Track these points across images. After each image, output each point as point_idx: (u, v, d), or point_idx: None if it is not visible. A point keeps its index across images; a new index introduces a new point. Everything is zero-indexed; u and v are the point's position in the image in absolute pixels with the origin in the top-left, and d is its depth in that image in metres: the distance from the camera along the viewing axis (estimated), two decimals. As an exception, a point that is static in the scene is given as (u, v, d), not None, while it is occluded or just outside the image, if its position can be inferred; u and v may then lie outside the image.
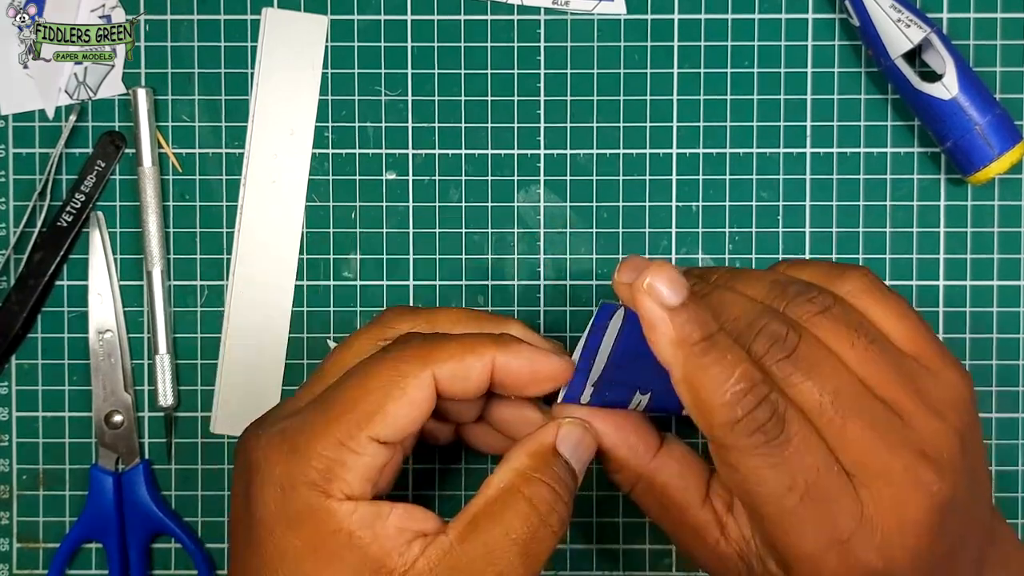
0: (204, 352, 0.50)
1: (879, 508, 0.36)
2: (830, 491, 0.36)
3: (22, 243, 0.50)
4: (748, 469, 0.36)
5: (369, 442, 0.38)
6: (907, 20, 0.47)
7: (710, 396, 0.36)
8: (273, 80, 0.50)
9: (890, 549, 0.36)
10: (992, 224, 0.49)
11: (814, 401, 0.36)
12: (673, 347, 0.36)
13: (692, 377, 0.36)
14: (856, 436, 0.36)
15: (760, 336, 0.37)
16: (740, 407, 0.36)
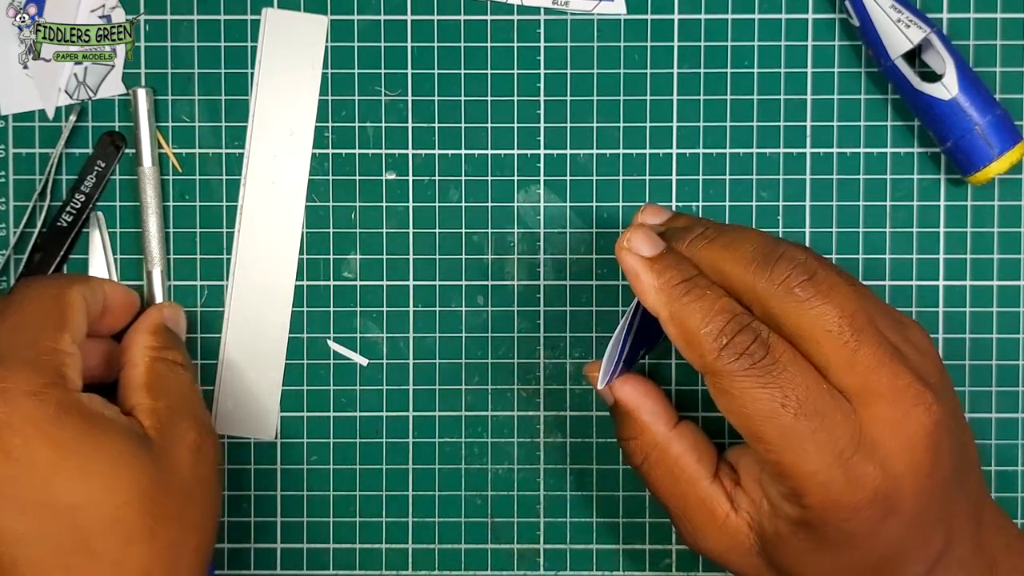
0: (204, 352, 0.50)
1: (881, 426, 0.38)
2: (823, 407, 0.38)
3: (22, 243, 0.50)
4: (740, 391, 0.38)
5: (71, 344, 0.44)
6: (907, 20, 0.47)
7: (696, 327, 0.39)
8: (273, 80, 0.50)
9: (893, 466, 0.38)
10: (992, 224, 0.50)
11: (833, 323, 0.38)
12: (655, 292, 0.40)
13: (677, 315, 0.40)
14: (865, 358, 0.38)
15: (781, 260, 0.39)
16: (724, 334, 0.39)
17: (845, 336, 0.38)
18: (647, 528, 0.50)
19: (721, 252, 0.40)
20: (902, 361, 0.39)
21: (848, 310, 0.38)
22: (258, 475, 0.50)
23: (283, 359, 0.50)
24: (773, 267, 0.39)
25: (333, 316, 0.50)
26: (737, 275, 0.40)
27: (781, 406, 0.38)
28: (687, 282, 0.40)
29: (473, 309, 0.50)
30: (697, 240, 0.41)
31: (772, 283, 0.39)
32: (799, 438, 0.38)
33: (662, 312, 0.40)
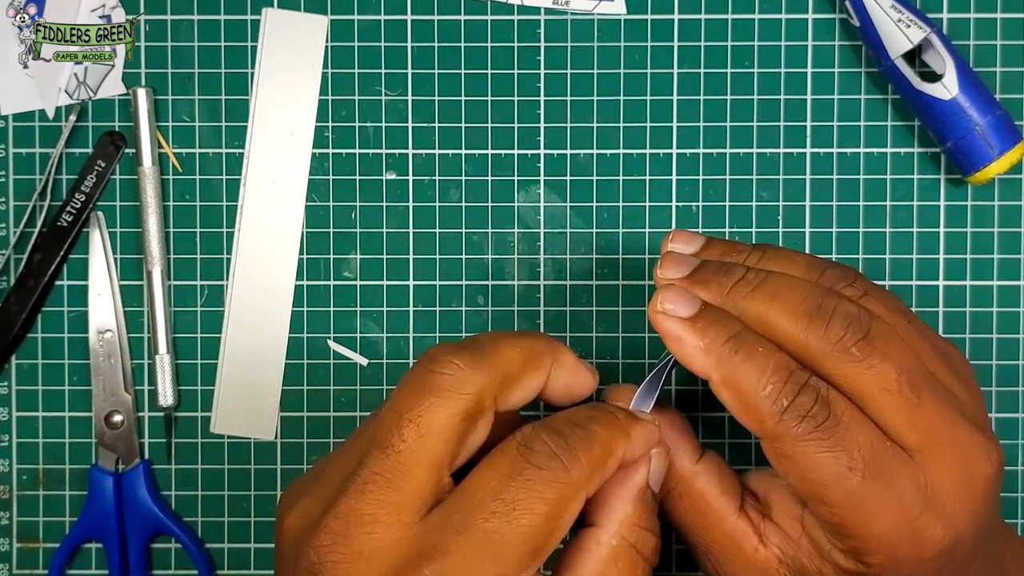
0: (204, 352, 0.50)
1: (945, 481, 0.37)
2: (889, 466, 0.36)
3: (22, 243, 0.50)
4: (804, 456, 0.36)
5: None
6: (907, 20, 0.47)
7: (753, 390, 0.36)
8: (273, 80, 0.50)
9: (959, 520, 0.37)
10: (992, 224, 0.49)
11: (891, 380, 0.36)
12: (704, 354, 0.37)
13: (730, 377, 0.37)
14: (927, 413, 0.37)
15: (835, 318, 0.37)
16: (784, 396, 0.36)
17: (905, 393, 0.36)
18: (647, 528, 0.50)
19: (768, 304, 0.37)
20: (961, 411, 0.37)
21: (906, 366, 0.37)
22: (258, 475, 0.50)
23: (283, 359, 0.50)
24: (828, 325, 0.37)
25: (333, 316, 0.50)
26: (787, 330, 0.37)
27: (848, 469, 0.36)
28: (735, 339, 0.37)
29: (473, 309, 0.50)
30: (739, 288, 0.38)
31: (827, 342, 0.36)
32: (867, 500, 0.36)
33: (713, 374, 0.37)
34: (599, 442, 0.36)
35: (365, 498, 0.35)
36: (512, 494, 0.34)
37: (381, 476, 0.35)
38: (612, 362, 0.50)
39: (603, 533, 0.37)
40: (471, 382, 0.36)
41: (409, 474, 0.35)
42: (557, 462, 0.35)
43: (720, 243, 0.41)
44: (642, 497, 0.38)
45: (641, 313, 0.50)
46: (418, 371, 0.36)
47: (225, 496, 0.50)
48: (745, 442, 0.50)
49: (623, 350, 0.50)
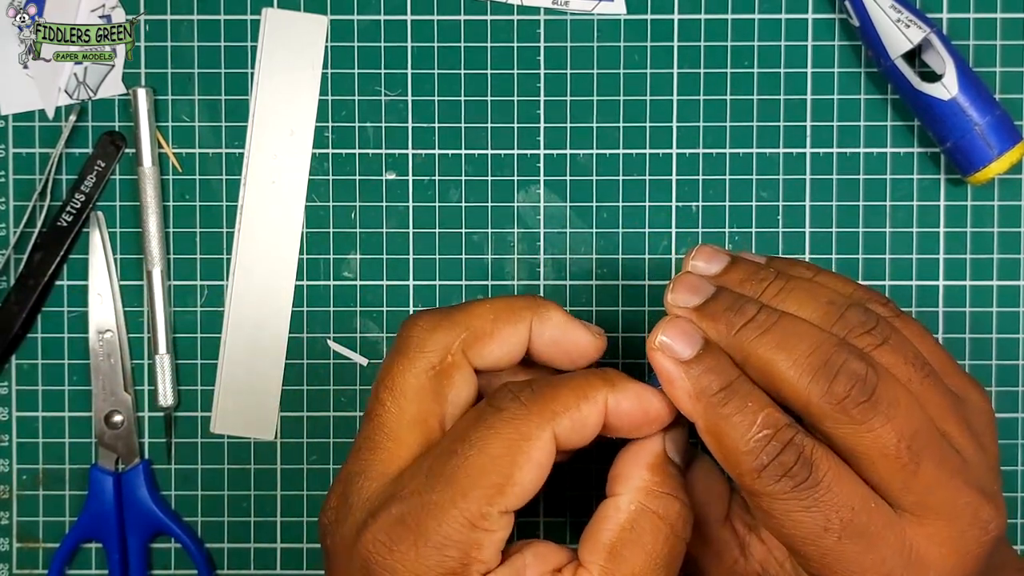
0: (204, 352, 0.50)
1: (934, 545, 0.36)
2: (872, 527, 0.35)
3: (22, 243, 0.50)
4: (781, 513, 0.36)
5: (500, 516, 0.35)
6: (907, 20, 0.47)
7: (735, 444, 0.36)
8: (273, 80, 0.50)
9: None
10: (992, 224, 0.50)
11: (890, 445, 0.35)
12: (692, 400, 0.36)
13: (715, 428, 0.36)
14: (924, 478, 0.36)
15: (841, 376, 0.35)
16: (765, 454, 0.35)
17: (903, 459, 0.35)
18: (647, 528, 0.50)
19: (775, 352, 0.36)
20: (965, 476, 0.36)
21: (909, 430, 0.35)
22: (258, 475, 0.50)
23: (283, 359, 0.50)
24: (832, 383, 0.35)
25: (333, 316, 0.50)
26: (790, 381, 0.36)
27: (824, 529, 0.35)
28: (726, 390, 0.36)
29: (473, 309, 0.50)
30: (747, 330, 0.37)
31: (829, 401, 0.35)
32: (842, 559, 0.35)
33: (698, 421, 0.36)
34: (570, 387, 0.37)
35: (358, 460, 0.38)
36: (473, 435, 0.36)
37: (369, 439, 0.38)
38: (612, 362, 0.50)
39: (621, 500, 0.37)
40: (433, 340, 0.38)
41: (392, 434, 0.37)
42: (517, 403, 0.36)
43: (744, 266, 0.39)
44: (659, 463, 0.38)
45: (641, 313, 0.50)
46: (395, 341, 0.39)
47: (225, 496, 0.50)
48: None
49: (623, 350, 0.50)
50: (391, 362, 0.38)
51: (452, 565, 0.35)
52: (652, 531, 0.37)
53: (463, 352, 0.38)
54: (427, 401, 0.38)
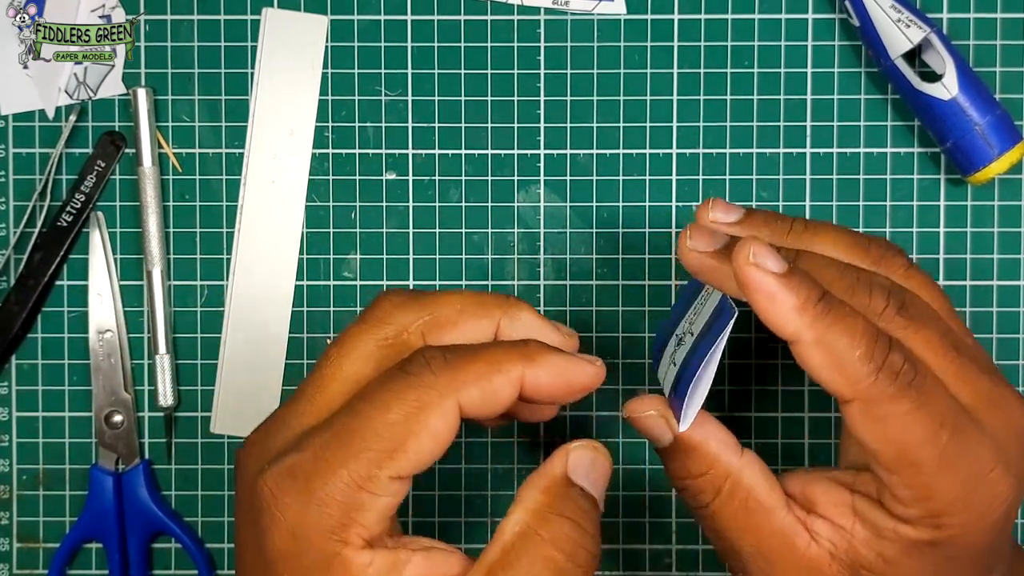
0: (204, 352, 0.50)
1: (1000, 433, 0.37)
2: (965, 423, 0.36)
3: (22, 243, 0.50)
4: (898, 416, 0.35)
5: (390, 482, 0.35)
6: (907, 20, 0.47)
7: (846, 351, 0.35)
8: (273, 80, 0.50)
9: (1017, 469, 0.37)
10: (992, 224, 0.50)
11: (936, 343, 0.37)
12: (798, 312, 0.35)
13: (823, 337, 0.35)
14: (970, 371, 0.37)
15: (875, 291, 0.37)
16: (877, 355, 0.35)
17: (951, 355, 0.37)
18: (647, 528, 0.50)
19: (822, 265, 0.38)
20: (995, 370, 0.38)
21: (943, 328, 0.38)
22: (258, 475, 0.50)
23: (283, 359, 0.50)
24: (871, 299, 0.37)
25: (333, 316, 0.50)
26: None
27: (940, 426, 0.35)
28: (825, 299, 0.35)
29: (473, 309, 0.50)
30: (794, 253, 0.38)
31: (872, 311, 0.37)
32: (955, 458, 0.36)
33: (805, 335, 0.35)
34: (484, 358, 0.36)
35: (290, 408, 0.38)
36: (376, 395, 0.36)
37: (303, 391, 0.38)
38: (612, 362, 0.50)
39: (508, 521, 0.36)
40: (396, 315, 0.39)
41: (325, 388, 0.38)
42: (427, 370, 0.36)
43: (761, 214, 0.40)
44: (554, 485, 0.37)
45: (641, 313, 0.50)
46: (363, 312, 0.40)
47: (225, 496, 0.50)
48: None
49: (623, 350, 0.50)
50: (351, 326, 0.39)
51: (331, 523, 0.35)
52: (537, 557, 0.35)
53: (421, 334, 0.39)
54: (368, 367, 0.38)
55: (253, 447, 0.38)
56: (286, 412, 0.38)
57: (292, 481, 0.35)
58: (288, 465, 0.36)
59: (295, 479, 0.35)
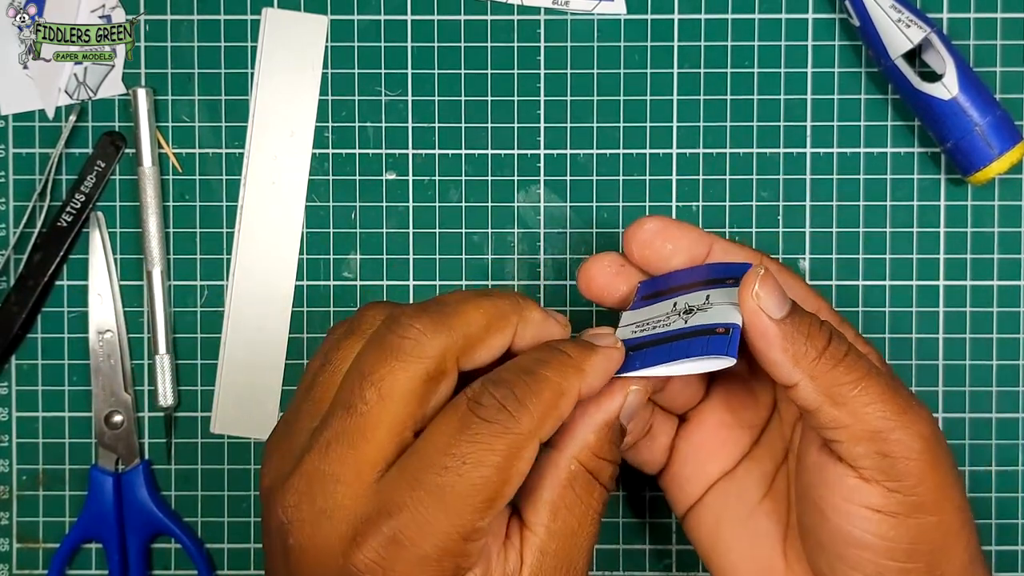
0: (204, 352, 0.50)
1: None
2: None
3: (22, 243, 0.50)
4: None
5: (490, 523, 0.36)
6: (907, 20, 0.47)
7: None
8: (273, 80, 0.50)
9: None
10: (992, 224, 0.49)
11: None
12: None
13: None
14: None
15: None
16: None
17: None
18: (647, 528, 0.50)
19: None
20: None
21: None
22: (258, 475, 0.50)
23: (283, 359, 0.50)
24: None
25: (333, 316, 0.50)
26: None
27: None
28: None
29: (473, 309, 0.50)
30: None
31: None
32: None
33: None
34: (549, 387, 0.36)
35: (328, 457, 0.35)
36: (462, 448, 0.35)
37: (344, 436, 0.36)
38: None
39: (561, 458, 0.38)
40: (432, 346, 0.36)
41: (371, 435, 0.35)
42: (505, 414, 0.35)
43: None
44: (607, 429, 0.38)
45: (641, 313, 0.50)
46: (381, 333, 0.37)
47: (225, 496, 0.50)
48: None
49: (623, 350, 0.50)
50: (383, 360, 0.36)
51: (447, 573, 0.35)
52: (587, 489, 0.38)
53: (456, 359, 0.37)
54: (413, 406, 0.36)
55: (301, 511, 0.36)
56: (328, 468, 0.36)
57: (398, 548, 0.34)
58: (388, 534, 0.35)
59: (401, 546, 0.34)
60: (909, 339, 0.49)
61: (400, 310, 0.37)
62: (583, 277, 0.43)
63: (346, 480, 0.35)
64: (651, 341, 0.39)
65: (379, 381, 0.36)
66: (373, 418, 0.36)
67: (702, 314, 0.39)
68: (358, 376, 0.36)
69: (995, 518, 0.49)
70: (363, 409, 0.36)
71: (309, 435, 0.37)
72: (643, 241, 0.42)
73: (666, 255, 0.42)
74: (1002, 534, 0.49)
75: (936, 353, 0.49)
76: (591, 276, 0.43)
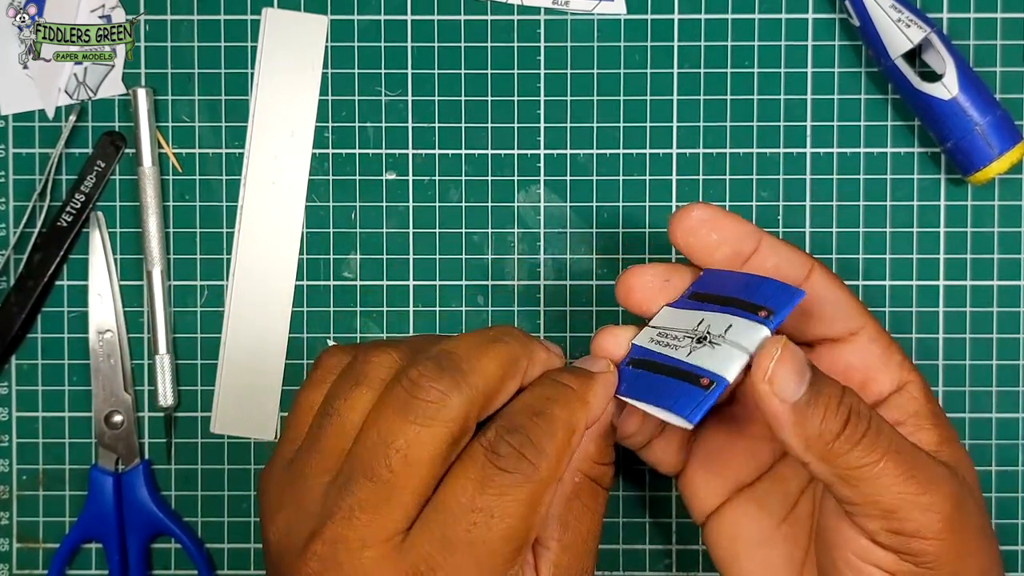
0: (204, 352, 0.50)
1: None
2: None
3: (22, 243, 0.50)
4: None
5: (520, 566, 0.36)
6: (907, 20, 0.47)
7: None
8: (273, 80, 0.50)
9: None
10: (992, 224, 0.49)
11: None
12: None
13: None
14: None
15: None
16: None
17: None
18: (647, 528, 0.50)
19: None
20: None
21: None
22: (258, 475, 0.50)
23: (283, 359, 0.50)
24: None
25: (333, 316, 0.50)
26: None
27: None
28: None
29: (473, 309, 0.50)
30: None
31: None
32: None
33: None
34: (562, 427, 0.36)
35: (352, 524, 0.35)
36: (488, 502, 0.35)
37: (368, 503, 0.35)
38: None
39: (566, 473, 0.38)
40: (454, 407, 0.35)
41: (397, 500, 0.35)
42: (525, 463, 0.35)
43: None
44: (604, 435, 0.39)
45: (641, 313, 0.50)
46: (400, 396, 0.36)
47: (225, 496, 0.50)
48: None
49: (623, 350, 0.50)
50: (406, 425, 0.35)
51: None
52: (592, 496, 0.39)
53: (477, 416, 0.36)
54: (438, 468, 0.35)
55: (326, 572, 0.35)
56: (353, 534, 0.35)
57: None
58: None
59: None
60: (909, 339, 0.49)
61: (414, 365, 0.36)
62: (623, 287, 0.41)
63: (373, 545, 0.35)
64: (650, 363, 0.38)
65: (404, 448, 0.35)
66: (399, 484, 0.35)
67: (708, 349, 0.37)
68: (379, 442, 0.35)
69: (995, 518, 0.49)
70: (388, 477, 0.35)
71: (323, 493, 0.36)
72: (688, 228, 0.40)
73: (711, 245, 0.40)
74: (1002, 534, 0.49)
75: (936, 353, 0.49)
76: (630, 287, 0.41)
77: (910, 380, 0.40)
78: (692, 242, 0.40)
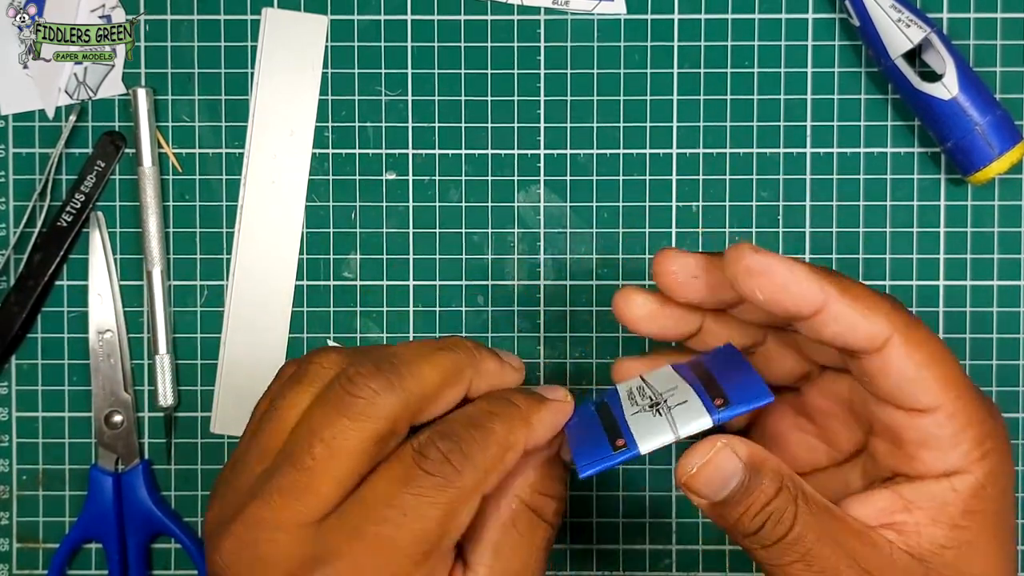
0: (204, 352, 0.50)
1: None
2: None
3: (22, 243, 0.50)
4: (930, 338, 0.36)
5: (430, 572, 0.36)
6: (907, 20, 0.47)
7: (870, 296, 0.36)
8: (273, 80, 0.50)
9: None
10: (992, 224, 0.50)
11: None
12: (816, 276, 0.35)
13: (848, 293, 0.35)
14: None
15: None
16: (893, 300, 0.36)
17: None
18: (647, 528, 0.50)
19: None
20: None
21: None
22: (258, 475, 0.50)
23: (283, 359, 0.50)
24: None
25: (333, 316, 0.50)
26: None
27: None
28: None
29: (473, 309, 0.50)
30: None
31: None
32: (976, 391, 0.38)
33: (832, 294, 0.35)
34: (495, 441, 0.36)
35: (270, 506, 0.35)
36: (404, 500, 0.35)
37: (288, 489, 0.35)
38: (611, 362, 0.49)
39: (503, 497, 0.38)
40: (384, 406, 0.36)
41: (315, 489, 0.35)
42: (449, 468, 0.35)
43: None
44: (548, 465, 0.39)
45: (641, 313, 0.50)
46: (334, 390, 0.36)
47: (225, 496, 0.50)
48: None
49: (623, 350, 0.50)
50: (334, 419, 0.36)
51: None
52: (530, 528, 0.38)
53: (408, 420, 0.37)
54: (362, 464, 0.36)
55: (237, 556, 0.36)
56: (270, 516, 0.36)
57: None
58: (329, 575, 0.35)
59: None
60: (909, 339, 0.49)
61: (353, 365, 0.37)
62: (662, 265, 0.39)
63: (286, 528, 0.35)
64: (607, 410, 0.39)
65: (329, 439, 0.35)
66: (319, 473, 0.35)
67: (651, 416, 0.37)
68: (307, 432, 0.36)
69: (995, 518, 0.49)
70: (310, 464, 0.35)
71: (253, 481, 0.37)
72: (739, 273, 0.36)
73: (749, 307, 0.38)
74: (1002, 534, 0.49)
75: (936, 353, 0.49)
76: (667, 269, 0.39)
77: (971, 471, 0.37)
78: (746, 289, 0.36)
